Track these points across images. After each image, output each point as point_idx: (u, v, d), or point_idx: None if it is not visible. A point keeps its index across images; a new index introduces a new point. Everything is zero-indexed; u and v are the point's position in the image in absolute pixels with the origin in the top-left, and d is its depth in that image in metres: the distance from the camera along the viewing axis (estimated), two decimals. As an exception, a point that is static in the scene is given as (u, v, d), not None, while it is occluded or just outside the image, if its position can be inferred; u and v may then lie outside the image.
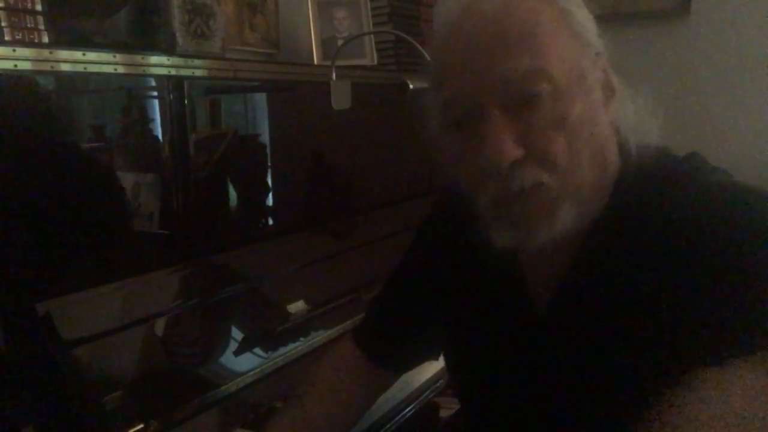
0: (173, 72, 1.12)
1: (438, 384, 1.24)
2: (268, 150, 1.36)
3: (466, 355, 0.81)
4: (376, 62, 1.80)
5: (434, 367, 1.23)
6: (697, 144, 0.71)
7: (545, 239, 0.63)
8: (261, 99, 1.38)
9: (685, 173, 0.65)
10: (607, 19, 0.70)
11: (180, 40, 1.19)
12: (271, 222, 1.40)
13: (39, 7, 0.98)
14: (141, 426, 0.89)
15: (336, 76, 1.45)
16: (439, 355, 0.98)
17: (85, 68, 0.98)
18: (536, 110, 0.61)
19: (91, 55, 0.98)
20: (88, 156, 1.03)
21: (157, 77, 1.11)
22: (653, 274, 0.60)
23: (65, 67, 0.96)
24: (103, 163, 1.06)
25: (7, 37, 0.94)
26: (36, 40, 0.98)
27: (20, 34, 0.96)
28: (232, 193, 1.29)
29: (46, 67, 0.93)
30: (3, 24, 0.94)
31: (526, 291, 0.72)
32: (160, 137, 1.12)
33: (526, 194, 0.62)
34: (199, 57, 1.19)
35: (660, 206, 0.62)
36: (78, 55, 0.97)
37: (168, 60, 1.11)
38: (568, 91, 0.61)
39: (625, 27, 1.92)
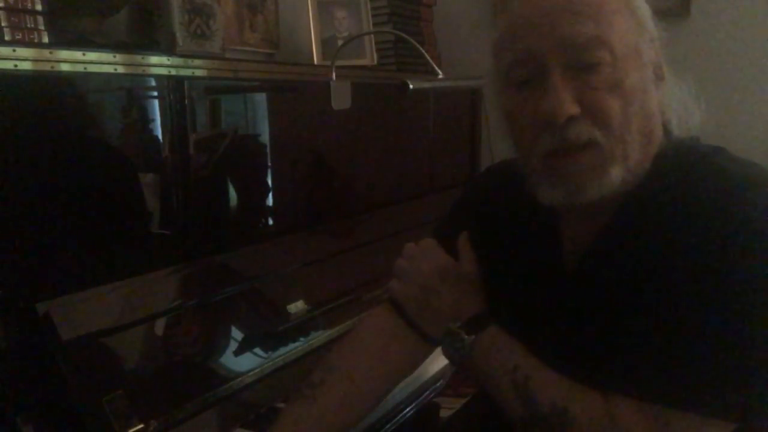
0: (173, 72, 1.12)
1: (438, 384, 1.24)
2: (268, 150, 1.36)
3: (497, 312, 0.85)
4: (376, 62, 1.80)
5: (434, 367, 1.22)
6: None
7: (594, 196, 0.68)
8: (261, 99, 1.38)
9: (717, 162, 0.69)
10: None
11: (180, 40, 1.19)
12: (271, 222, 1.40)
13: (39, 7, 0.98)
14: (141, 426, 0.89)
15: (336, 76, 1.45)
16: None
17: (85, 68, 0.98)
18: (595, 73, 0.66)
19: (91, 55, 0.98)
20: (88, 156, 1.03)
21: (157, 77, 1.10)
22: (670, 251, 0.65)
23: (65, 67, 0.96)
24: (102, 163, 1.06)
25: (7, 37, 0.94)
26: (36, 40, 0.97)
27: (20, 34, 0.96)
28: (232, 193, 1.29)
29: (46, 67, 0.93)
30: (3, 24, 0.94)
31: (561, 248, 0.78)
32: (160, 137, 1.12)
33: (580, 150, 0.67)
34: (199, 57, 1.19)
35: (690, 188, 0.67)
36: (78, 55, 0.97)
37: (168, 60, 1.11)
38: (625, 61, 0.67)
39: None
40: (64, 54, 0.95)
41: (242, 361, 1.10)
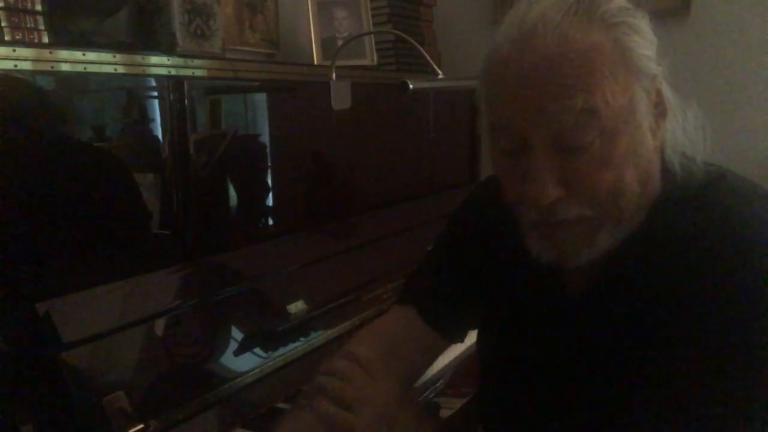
0: (173, 72, 1.12)
1: (438, 384, 1.24)
2: (268, 150, 1.36)
3: (498, 334, 0.84)
4: (376, 62, 1.80)
5: (434, 367, 1.22)
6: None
7: (585, 260, 0.66)
8: (261, 99, 1.38)
9: (721, 196, 0.66)
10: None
11: (180, 40, 1.19)
12: (271, 222, 1.40)
13: (39, 7, 0.98)
14: (141, 426, 0.90)
15: (336, 76, 1.45)
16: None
17: (85, 68, 0.98)
18: (583, 153, 0.61)
19: (91, 55, 0.98)
20: (88, 156, 1.03)
21: (157, 77, 1.10)
22: (675, 288, 0.63)
23: (65, 67, 0.96)
24: (103, 163, 1.06)
25: (7, 37, 0.94)
26: (36, 40, 0.98)
27: (20, 34, 0.96)
28: (232, 193, 1.29)
29: (46, 67, 0.93)
30: (3, 24, 0.94)
31: (562, 277, 0.75)
32: (160, 137, 1.12)
33: (568, 223, 0.64)
34: (199, 57, 1.19)
35: (692, 226, 0.64)
36: (78, 55, 0.97)
37: (168, 60, 1.11)
38: (616, 130, 0.61)
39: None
40: (64, 54, 0.95)
41: (242, 361, 1.10)
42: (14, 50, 0.89)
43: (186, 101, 1.14)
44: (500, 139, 0.66)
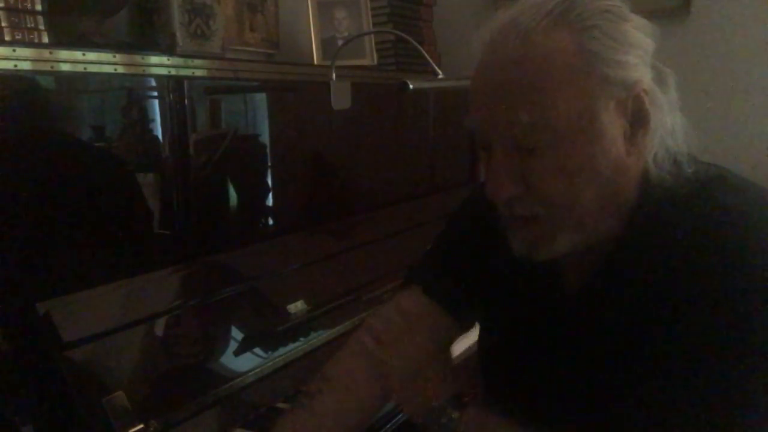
0: (173, 72, 1.12)
1: (438, 384, 1.24)
2: (268, 150, 1.36)
3: (499, 331, 0.85)
4: (376, 62, 1.80)
5: (434, 367, 1.22)
6: (696, 144, 0.71)
7: (547, 257, 0.69)
8: (261, 99, 1.38)
9: (717, 195, 0.66)
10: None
11: (180, 40, 1.19)
12: (271, 222, 1.40)
13: (39, 7, 0.98)
14: (141, 426, 0.90)
15: (336, 76, 1.45)
16: None
17: (85, 68, 0.98)
18: (537, 156, 0.64)
19: (91, 55, 0.98)
20: (88, 156, 1.03)
21: (157, 77, 1.11)
22: (669, 285, 0.64)
23: (65, 67, 0.96)
24: (103, 163, 1.06)
25: (7, 37, 0.94)
26: (36, 40, 0.98)
27: (20, 34, 0.96)
28: (232, 193, 1.29)
29: (46, 67, 0.93)
30: (3, 24, 0.94)
31: (560, 274, 0.76)
32: (160, 137, 1.12)
33: (525, 220, 0.67)
34: (199, 57, 1.19)
35: (686, 226, 0.65)
36: (78, 55, 0.97)
37: (168, 60, 1.12)
38: (571, 138, 0.63)
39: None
40: (64, 54, 0.95)
41: (242, 361, 1.10)
42: (14, 50, 0.89)
43: (186, 101, 1.14)
44: (476, 136, 0.70)
